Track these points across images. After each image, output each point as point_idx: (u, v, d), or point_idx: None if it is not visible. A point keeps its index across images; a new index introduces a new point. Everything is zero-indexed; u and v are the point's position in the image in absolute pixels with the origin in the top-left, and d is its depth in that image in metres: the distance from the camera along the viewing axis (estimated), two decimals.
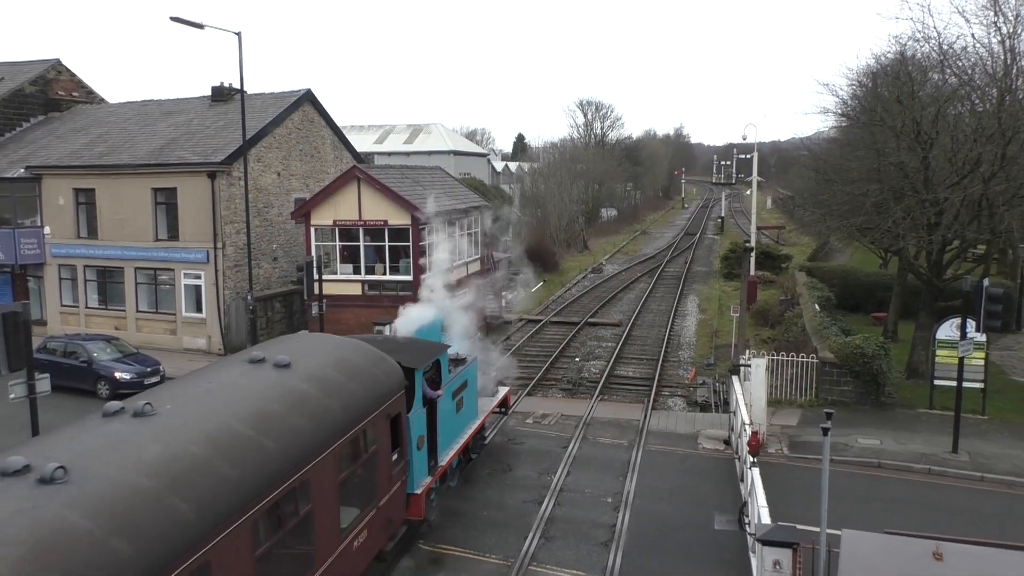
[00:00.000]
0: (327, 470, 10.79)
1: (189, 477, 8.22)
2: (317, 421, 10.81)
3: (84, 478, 7.49)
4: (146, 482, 7.82)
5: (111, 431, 8.79)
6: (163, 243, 32.71)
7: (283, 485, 9.53)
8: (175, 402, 9.89)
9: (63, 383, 24.01)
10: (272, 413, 10.22)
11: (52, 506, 6.98)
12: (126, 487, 7.65)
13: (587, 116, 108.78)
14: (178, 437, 8.80)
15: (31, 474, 7.42)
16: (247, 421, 9.71)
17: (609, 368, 28.95)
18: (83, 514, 7.01)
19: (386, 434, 13.16)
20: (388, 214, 29.76)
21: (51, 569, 6.36)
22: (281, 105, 35.30)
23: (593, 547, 15.19)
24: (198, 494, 8.11)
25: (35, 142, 37.82)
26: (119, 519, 7.22)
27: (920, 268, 26.39)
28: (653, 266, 58.65)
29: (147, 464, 8.09)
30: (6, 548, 6.33)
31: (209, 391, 10.56)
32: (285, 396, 10.80)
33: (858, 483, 17.89)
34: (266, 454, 9.42)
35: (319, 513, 10.56)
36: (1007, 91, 23.62)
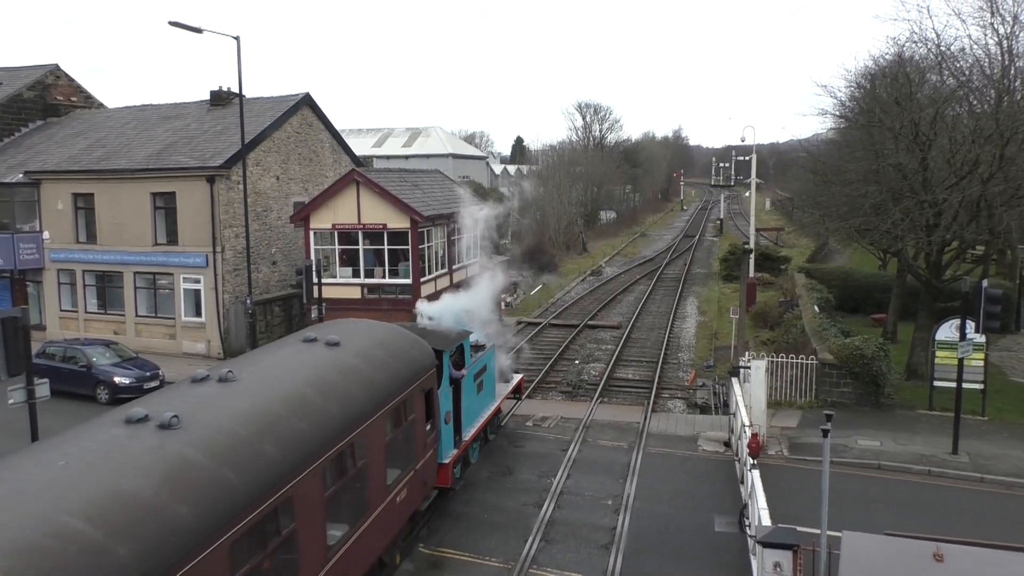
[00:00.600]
0: (377, 432, 12.50)
1: (273, 428, 9.89)
2: (367, 390, 12.47)
3: (193, 425, 9.18)
4: (242, 430, 9.50)
5: (203, 392, 10.51)
6: (162, 247, 32.70)
7: (343, 441, 11.19)
8: (248, 371, 11.48)
9: (62, 388, 23.98)
10: (330, 382, 11.87)
11: (174, 445, 8.66)
12: (228, 432, 9.34)
13: (586, 118, 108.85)
14: (259, 397, 10.53)
15: (151, 421, 9.13)
16: (312, 387, 11.37)
17: (609, 370, 28.93)
18: (199, 452, 8.71)
19: (421, 406, 14.91)
20: (387, 217, 29.76)
21: (181, 493, 8.01)
22: (280, 109, 35.31)
23: (593, 550, 15.18)
24: (281, 442, 9.78)
25: (34, 147, 37.81)
26: (226, 456, 8.88)
27: (919, 269, 26.40)
28: (652, 268, 58.66)
29: (240, 416, 9.81)
30: (144, 478, 7.98)
31: (276, 363, 12.28)
32: (339, 369, 12.45)
33: (858, 484, 17.88)
34: (329, 414, 11.11)
35: (371, 468, 12.30)
36: (1005, 92, 23.65)
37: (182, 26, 25.29)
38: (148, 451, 8.48)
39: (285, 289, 34.58)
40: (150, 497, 7.76)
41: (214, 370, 11.34)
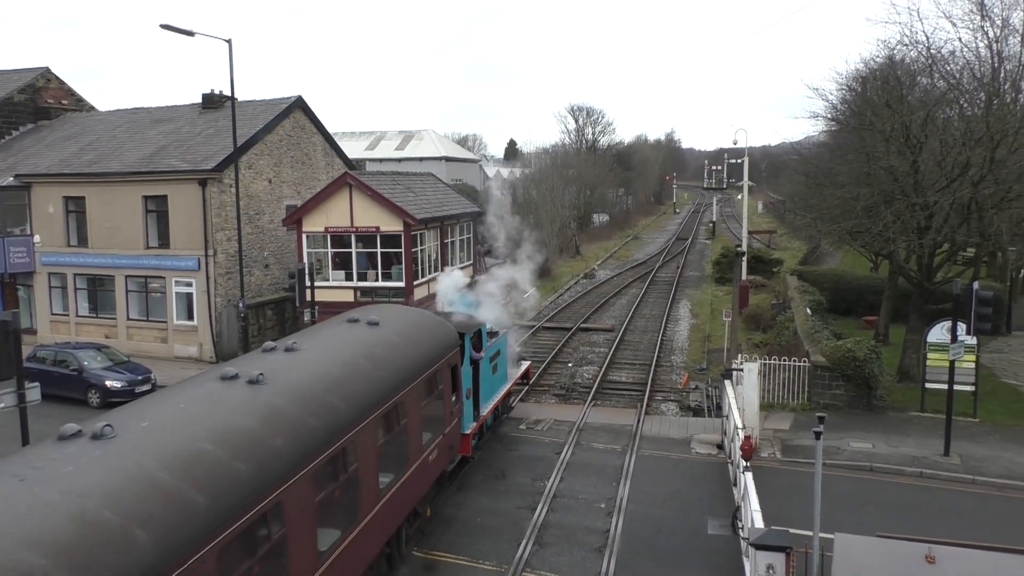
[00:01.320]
0: (414, 398, 14.55)
1: (336, 386, 11.87)
2: (405, 361, 14.43)
3: (275, 382, 11.01)
4: (314, 386, 11.44)
5: (275, 359, 12.28)
6: (154, 251, 32.59)
7: (389, 402, 13.16)
8: (307, 344, 13.41)
9: (53, 392, 23.86)
10: (375, 354, 13.80)
11: (264, 395, 10.51)
12: (303, 387, 11.23)
13: (578, 121, 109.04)
14: (322, 363, 12.51)
15: (241, 378, 10.89)
16: (362, 357, 13.36)
17: (602, 373, 28.94)
18: (284, 401, 10.61)
19: (448, 380, 16.92)
20: (380, 220, 29.74)
21: (275, 430, 9.90)
22: (272, 112, 35.26)
23: (587, 553, 15.17)
24: (344, 397, 11.78)
25: (24, 150, 37.66)
26: (305, 405, 10.80)
27: (911, 271, 26.49)
28: (645, 271, 58.73)
29: (309, 377, 11.70)
30: (246, 417, 9.86)
31: (329, 338, 14.29)
32: (381, 343, 14.40)
33: (851, 486, 17.93)
34: (378, 379, 13.10)
35: (410, 428, 14.35)
36: (995, 94, 23.76)
37: (174, 29, 25.24)
38: (245, 399, 10.32)
39: (278, 292, 34.50)
40: (255, 430, 9.65)
41: (280, 343, 13.43)
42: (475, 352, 19.62)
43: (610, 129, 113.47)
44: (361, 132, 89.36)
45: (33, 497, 7.11)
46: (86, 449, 8.22)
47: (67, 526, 6.78)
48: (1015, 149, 22.10)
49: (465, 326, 19.27)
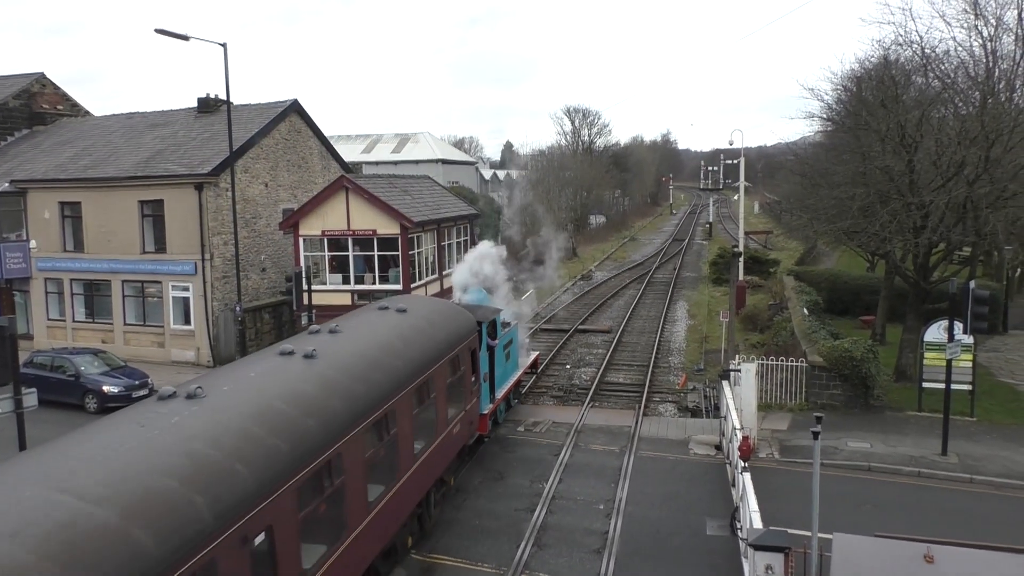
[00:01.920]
0: (441, 375, 16.25)
1: (376, 363, 13.60)
2: (432, 343, 16.12)
3: (326, 356, 12.70)
4: (360, 361, 13.27)
5: (321, 339, 13.87)
6: (150, 255, 32.55)
7: (420, 377, 14.83)
8: (348, 327, 15.04)
9: (50, 397, 23.83)
10: (407, 336, 15.49)
11: (318, 368, 12.20)
12: (350, 362, 13.04)
13: (574, 123, 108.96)
14: (362, 343, 14.26)
15: (297, 354, 12.53)
16: (395, 339, 15.03)
17: (600, 375, 28.95)
18: (336, 372, 12.36)
19: (468, 361, 18.61)
20: (377, 223, 29.72)
21: (334, 394, 11.67)
22: (268, 116, 35.24)
23: (586, 554, 15.17)
24: (384, 371, 13.50)
25: (19, 156, 37.61)
26: (354, 377, 12.57)
27: (907, 271, 26.53)
28: (642, 272, 58.78)
29: (353, 354, 13.44)
30: (307, 384, 11.51)
31: (365, 323, 15.94)
32: (410, 327, 16.06)
33: (849, 486, 17.94)
34: (411, 357, 14.76)
35: (438, 402, 16.08)
36: (989, 94, 23.81)
37: (169, 34, 25.21)
38: (303, 370, 12.02)
39: (275, 296, 34.47)
40: (316, 394, 11.39)
41: (323, 327, 15.03)
42: (490, 340, 21.23)
43: (606, 131, 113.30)
44: (357, 135, 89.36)
45: (154, 438, 8.88)
46: (184, 406, 9.85)
47: (183, 461, 8.52)
48: (1010, 148, 22.15)
49: (482, 315, 21.09)
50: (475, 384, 19.30)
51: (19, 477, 7.81)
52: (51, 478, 7.68)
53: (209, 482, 8.43)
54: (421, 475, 14.89)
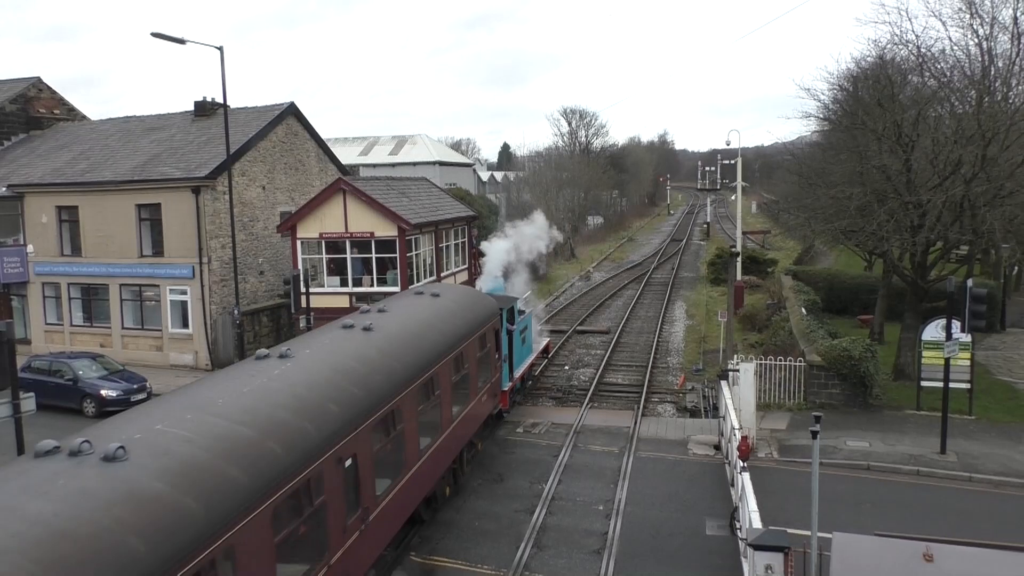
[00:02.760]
0: (471, 350, 18.62)
1: (422, 335, 16.05)
2: (463, 322, 18.41)
3: (380, 329, 15.08)
4: (406, 334, 15.64)
5: (374, 316, 16.17)
6: (148, 259, 32.53)
7: (455, 351, 17.15)
8: (393, 308, 17.29)
9: (48, 402, 23.79)
10: (442, 315, 17.89)
11: (376, 338, 14.59)
12: (400, 335, 15.35)
13: (571, 124, 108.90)
14: (408, 320, 16.59)
15: (356, 327, 14.95)
16: (433, 318, 17.46)
17: (598, 375, 28.95)
18: (391, 342, 14.76)
19: (492, 340, 21.00)
20: (374, 226, 29.70)
21: (392, 359, 14.01)
22: (265, 119, 35.23)
23: (585, 555, 15.17)
24: (428, 343, 15.93)
25: (16, 160, 37.58)
26: (405, 345, 15.01)
27: (904, 270, 26.56)
28: (640, 273, 58.79)
29: (401, 328, 15.81)
30: (371, 349, 13.82)
31: (406, 305, 18.20)
32: (445, 309, 18.51)
33: (848, 485, 17.95)
34: (447, 332, 17.15)
35: (470, 373, 18.48)
36: (985, 92, 23.85)
37: (165, 37, 25.20)
38: (364, 339, 14.37)
39: (273, 299, 34.45)
40: (379, 358, 13.74)
41: (372, 307, 17.70)
42: (509, 324, 23.42)
43: (603, 131, 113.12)
44: (354, 137, 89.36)
45: (266, 383, 11.24)
46: (279, 363, 12.22)
47: (292, 400, 10.92)
48: (1006, 147, 22.19)
49: (503, 301, 23.73)
50: (498, 361, 21.96)
51: (177, 407, 10.10)
52: (203, 408, 10.00)
53: (312, 415, 10.87)
54: (458, 433, 17.54)
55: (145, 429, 9.11)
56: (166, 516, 7.69)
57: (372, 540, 12.52)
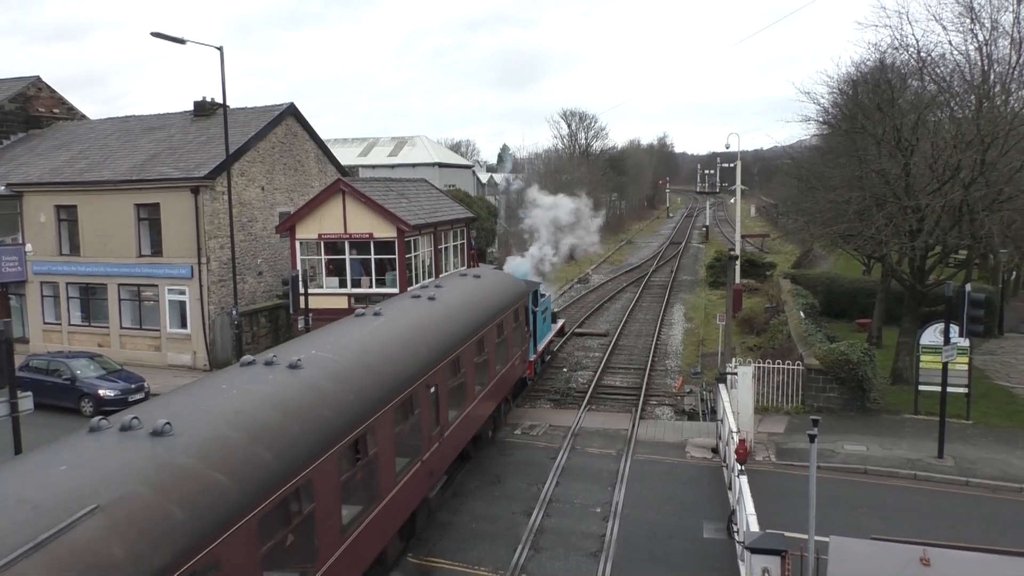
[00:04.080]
0: (508, 320, 22.84)
1: (473, 304, 20.18)
2: (501, 299, 22.59)
3: (443, 298, 19.13)
4: (463, 303, 19.67)
5: (436, 291, 19.87)
6: (146, 259, 32.51)
7: (497, 320, 21.18)
8: (445, 284, 21.75)
9: (46, 401, 23.74)
10: (486, 292, 22.12)
11: (440, 306, 18.37)
12: (459, 302, 19.51)
13: (571, 127, 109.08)
14: (463, 294, 20.64)
15: (422, 298, 18.80)
16: (481, 292, 21.76)
17: (597, 378, 28.94)
18: (453, 308, 18.70)
19: (523, 315, 25.25)
20: (374, 227, 29.70)
21: (457, 317, 18.13)
22: (264, 119, 35.23)
23: (583, 557, 15.16)
24: (479, 311, 19.90)
25: (15, 159, 37.55)
26: (465, 309, 19.21)
27: (903, 274, 26.58)
28: (639, 275, 58.80)
29: (460, 297, 20.16)
30: (436, 312, 17.60)
31: (455, 286, 21.86)
32: (487, 288, 22.69)
33: (845, 489, 17.95)
34: (488, 307, 20.89)
35: (508, 339, 22.67)
36: (985, 97, 23.89)
37: (165, 37, 25.21)
38: (430, 307, 18.14)
39: (271, 299, 34.43)
40: (443, 320, 17.58)
41: (430, 283, 22.50)
42: (533, 306, 26.98)
43: (603, 134, 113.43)
44: (354, 138, 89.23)
45: (375, 331, 15.21)
46: (375, 319, 16.05)
47: (397, 341, 15.20)
48: (1005, 152, 22.22)
49: (529, 285, 27.36)
50: (527, 333, 25.92)
51: (331, 339, 14.03)
52: (340, 345, 13.88)
53: (412, 351, 14.91)
54: (499, 386, 21.70)
55: (305, 351, 12.96)
56: (285, 433, 10.05)
57: (445, 452, 16.72)
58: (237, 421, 9.63)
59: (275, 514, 9.37)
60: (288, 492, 9.54)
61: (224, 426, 9.44)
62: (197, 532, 7.77)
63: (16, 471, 8.08)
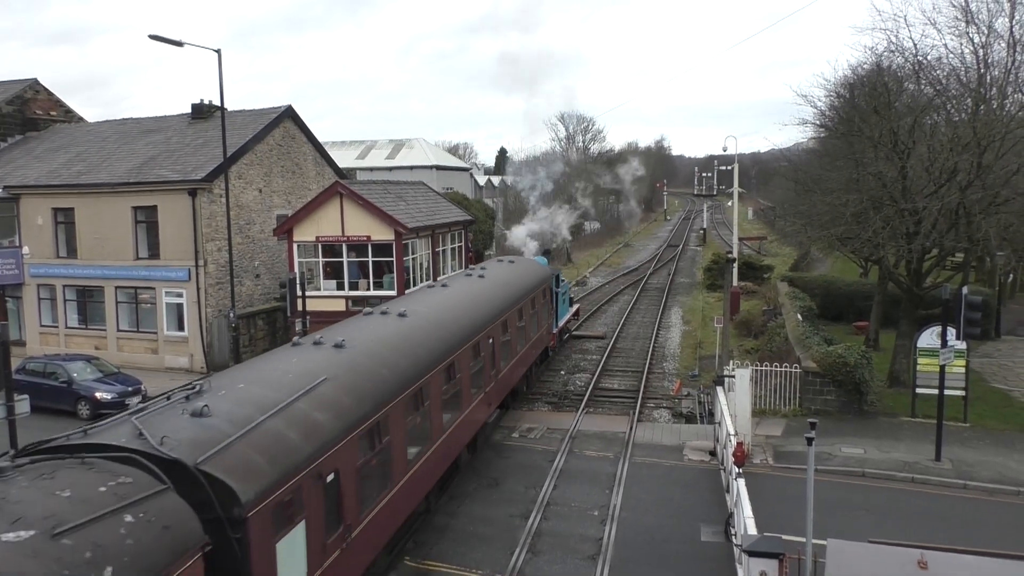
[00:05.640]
0: (538, 297, 27.50)
1: (509, 283, 25.16)
2: (531, 280, 27.37)
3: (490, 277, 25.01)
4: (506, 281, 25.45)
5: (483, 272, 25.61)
6: (144, 262, 32.47)
7: (530, 296, 26.04)
8: (488, 268, 27.44)
9: (43, 404, 23.74)
10: (521, 274, 27.11)
11: (487, 283, 24.09)
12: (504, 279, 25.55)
13: (569, 129, 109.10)
14: (505, 275, 26.12)
15: (474, 276, 25.03)
16: (516, 274, 26.81)
17: (594, 381, 28.94)
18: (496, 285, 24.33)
19: (549, 294, 30.19)
20: (371, 229, 29.71)
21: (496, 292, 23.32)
22: (262, 122, 35.22)
23: (580, 561, 15.15)
24: (515, 288, 24.92)
25: (13, 162, 37.50)
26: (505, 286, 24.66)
27: (900, 277, 26.61)
28: (637, 278, 58.80)
29: (507, 276, 26.22)
30: (483, 287, 23.29)
31: (495, 268, 27.07)
32: (521, 271, 27.73)
33: (843, 492, 17.96)
34: (521, 286, 25.57)
35: (538, 312, 27.46)
36: (981, 100, 23.94)
37: (163, 40, 25.20)
38: (480, 283, 23.39)
39: (269, 302, 34.40)
40: (491, 292, 22.64)
41: (476, 268, 26.90)
42: (555, 287, 31.40)
43: (600, 136, 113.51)
44: (351, 141, 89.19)
45: (446, 296, 20.91)
46: (443, 291, 21.52)
47: (458, 306, 20.10)
48: (1002, 154, 22.27)
49: (552, 269, 32.86)
50: (551, 309, 30.60)
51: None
52: (420, 313, 18.07)
53: (468, 315, 19.59)
54: (534, 346, 26.89)
55: (407, 306, 18.42)
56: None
57: (499, 389, 21.87)
58: (385, 341, 15.28)
59: (415, 396, 14.87)
60: (422, 384, 15.21)
61: (377, 344, 14.94)
62: (378, 400, 13.07)
63: (271, 362, 13.39)
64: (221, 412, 10.16)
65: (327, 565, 10.84)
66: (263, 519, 9.19)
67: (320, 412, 11.32)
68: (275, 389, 11.35)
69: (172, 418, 9.87)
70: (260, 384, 11.65)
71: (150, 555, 7.46)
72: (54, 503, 7.40)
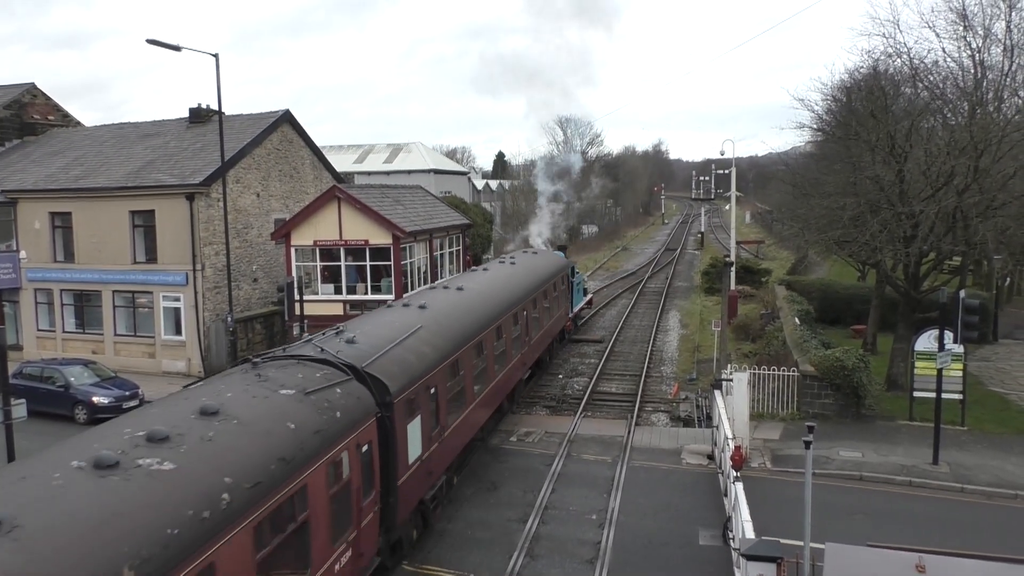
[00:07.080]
0: (557, 283, 31.65)
1: (535, 269, 29.70)
2: (552, 268, 31.68)
3: (520, 264, 29.65)
4: (533, 267, 30.01)
5: (517, 259, 30.73)
6: (141, 266, 32.43)
7: (551, 281, 30.45)
8: (517, 256, 32.69)
9: (40, 408, 23.70)
10: (543, 263, 31.93)
11: (519, 269, 28.57)
12: (532, 265, 30.31)
13: (566, 133, 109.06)
14: (532, 262, 30.87)
15: (515, 264, 29.44)
16: (539, 263, 31.31)
17: (592, 384, 28.92)
18: (527, 270, 29.00)
19: (565, 284, 33.77)
20: (369, 233, 29.72)
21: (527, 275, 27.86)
22: (260, 126, 35.22)
23: (578, 565, 15.13)
24: (540, 273, 29.49)
25: (10, 166, 37.46)
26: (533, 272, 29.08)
27: (897, 280, 26.64)
28: (634, 282, 58.78)
29: (534, 262, 31.19)
30: (516, 271, 27.96)
31: (526, 258, 31.70)
32: (542, 260, 32.72)
33: (841, 496, 17.96)
34: (546, 271, 30.52)
35: (559, 296, 31.89)
36: (978, 104, 23.99)
37: (161, 44, 25.21)
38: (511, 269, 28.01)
39: (267, 306, 34.38)
40: (522, 276, 27.24)
41: (504, 258, 32.08)
42: (571, 276, 35.40)
43: (598, 140, 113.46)
44: (349, 145, 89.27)
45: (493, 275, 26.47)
46: (484, 274, 26.18)
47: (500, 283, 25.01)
48: (999, 158, 22.31)
49: (568, 260, 36.95)
50: (567, 295, 34.44)
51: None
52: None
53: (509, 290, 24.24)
54: (552, 326, 30.32)
55: (464, 283, 23.21)
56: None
57: (531, 354, 26.30)
58: (454, 305, 20.18)
59: (476, 346, 19.60)
60: (480, 338, 19.86)
61: (448, 306, 19.70)
62: (456, 343, 17.93)
63: (376, 317, 18.26)
64: (364, 342, 14.90)
65: (431, 450, 15.72)
66: (401, 407, 13.98)
67: (423, 346, 16.07)
68: (391, 331, 16.04)
69: (336, 343, 14.61)
70: (379, 328, 16.37)
71: (353, 412, 12.29)
72: (297, 379, 12.11)
